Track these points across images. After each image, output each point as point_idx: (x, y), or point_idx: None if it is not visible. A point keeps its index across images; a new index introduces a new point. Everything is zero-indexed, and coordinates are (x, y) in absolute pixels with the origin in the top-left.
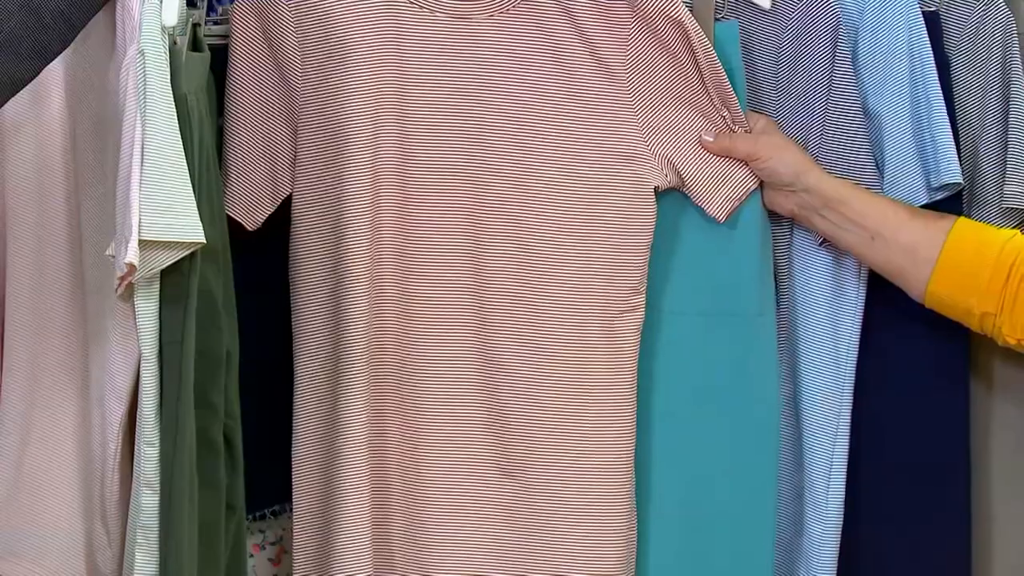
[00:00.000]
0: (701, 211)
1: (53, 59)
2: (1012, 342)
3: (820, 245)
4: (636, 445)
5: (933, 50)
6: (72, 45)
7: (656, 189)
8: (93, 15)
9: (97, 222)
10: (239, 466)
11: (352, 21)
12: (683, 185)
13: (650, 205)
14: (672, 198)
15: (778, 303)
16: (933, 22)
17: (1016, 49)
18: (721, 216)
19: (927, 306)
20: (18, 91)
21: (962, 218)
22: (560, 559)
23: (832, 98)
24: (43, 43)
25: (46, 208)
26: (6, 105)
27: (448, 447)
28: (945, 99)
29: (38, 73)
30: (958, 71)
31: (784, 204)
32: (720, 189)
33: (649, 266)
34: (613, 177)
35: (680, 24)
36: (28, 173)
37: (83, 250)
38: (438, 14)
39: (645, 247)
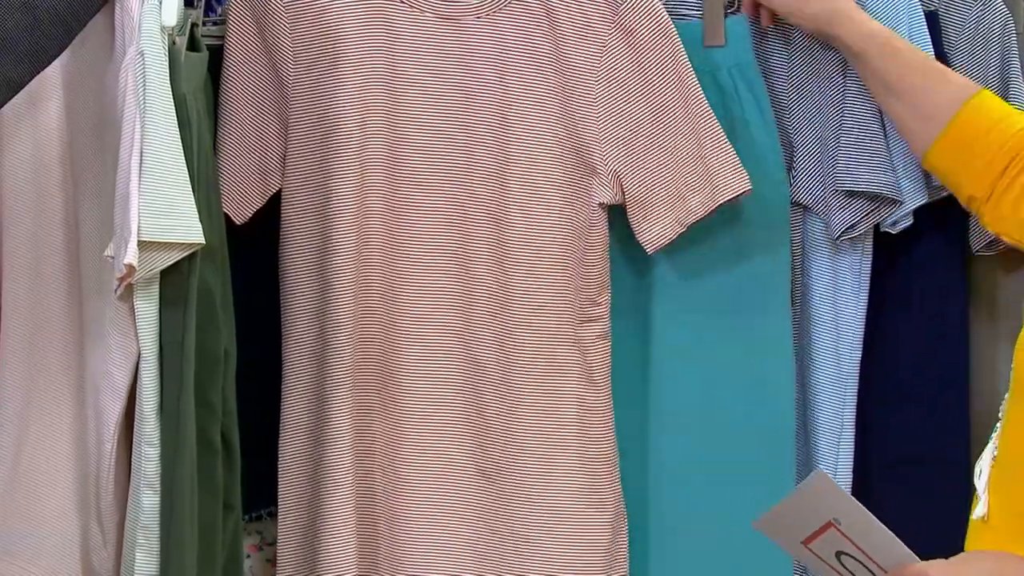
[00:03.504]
0: (725, 212)
1: (50, 62)
2: (992, 230)
3: (837, 239)
4: (647, 447)
5: (932, 49)
6: (70, 47)
7: (601, 205)
8: (91, 17)
9: (96, 223)
10: (236, 465)
11: (345, 19)
12: (626, 203)
13: (598, 219)
14: None
15: (793, 302)
16: (932, 21)
17: (1014, 48)
18: (653, 244)
19: (923, 167)
20: (15, 93)
21: (985, 92)
22: (537, 562)
23: (848, 96)
24: (39, 44)
25: (44, 209)
26: (4, 107)
27: (429, 447)
28: None
29: (35, 75)
30: (957, 70)
31: (819, 39)
32: (670, 212)
33: (671, 265)
34: (571, 188)
35: (659, 35)
36: (26, 174)
37: (81, 250)
38: (427, 14)
39: (596, 261)
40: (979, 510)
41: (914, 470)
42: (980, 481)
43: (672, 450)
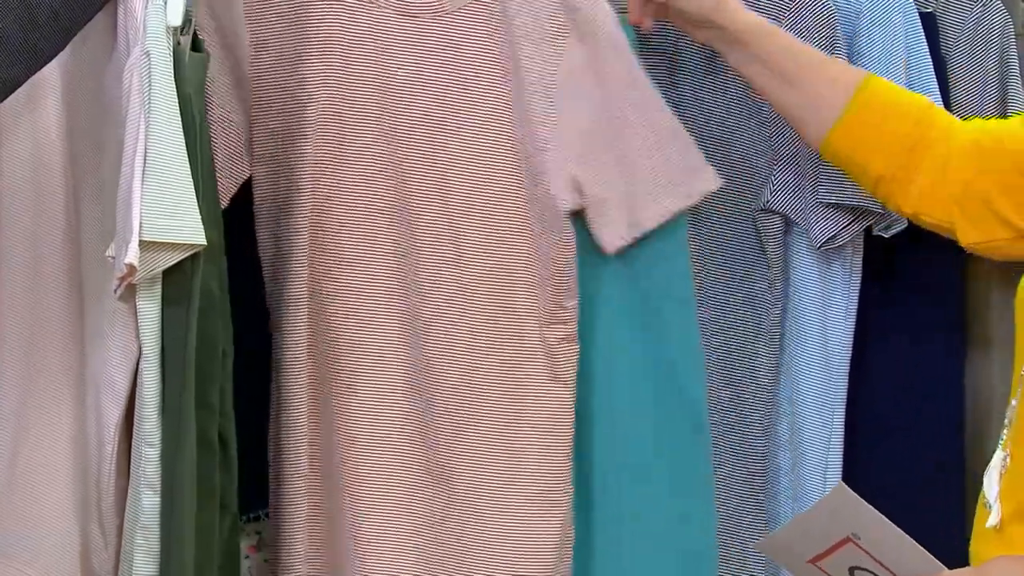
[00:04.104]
0: None
1: (47, 61)
2: (906, 211)
3: (818, 248)
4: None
5: (930, 51)
6: (70, 48)
7: (563, 210)
8: (90, 18)
9: (96, 223)
10: (232, 465)
11: (302, 11)
12: (584, 206)
13: (562, 223)
14: None
15: (772, 305)
16: (930, 23)
17: (1013, 50)
18: (611, 246)
19: (821, 157)
20: (11, 92)
21: (872, 76)
22: (489, 563)
23: None
24: (36, 43)
25: (42, 208)
26: (2, 106)
27: (381, 445)
28: (943, 100)
29: (32, 74)
30: (955, 72)
31: (697, 36)
32: (627, 215)
33: (585, 264)
34: (526, 192)
35: (613, 40)
36: (24, 174)
37: (82, 250)
38: (387, 10)
39: (562, 266)
40: (991, 519)
41: (907, 475)
42: (991, 491)
43: (592, 448)
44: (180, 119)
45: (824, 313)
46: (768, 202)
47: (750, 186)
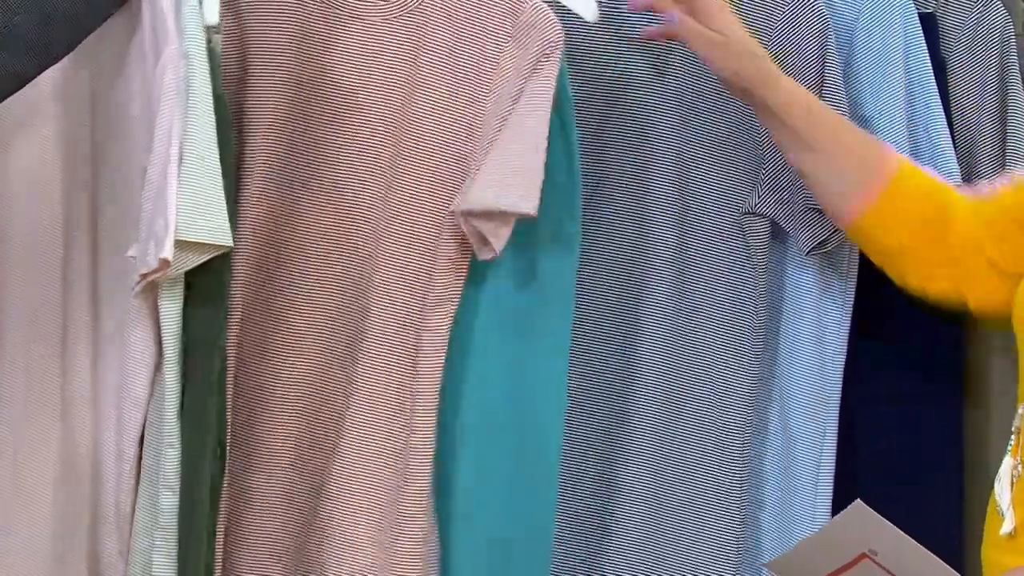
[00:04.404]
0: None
1: (60, 58)
2: (914, 285)
3: (807, 255)
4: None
5: (930, 52)
6: (84, 48)
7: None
8: (105, 17)
9: (113, 226)
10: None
11: (245, 11)
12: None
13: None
14: None
15: (757, 312)
16: (930, 24)
17: (1013, 50)
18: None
19: (848, 235)
20: (21, 86)
21: (904, 165)
22: (355, 567)
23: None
24: (45, 40)
25: (41, 212)
26: (7, 105)
27: (270, 439)
28: (942, 101)
29: (43, 70)
30: (955, 73)
31: (732, 92)
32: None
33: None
34: (448, 199)
35: (546, 59)
36: (22, 176)
37: (98, 257)
38: (336, 10)
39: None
40: (1005, 527)
41: (903, 482)
42: (1003, 498)
43: (452, 457)
44: (215, 119)
45: (819, 318)
46: (755, 205)
47: (737, 188)
